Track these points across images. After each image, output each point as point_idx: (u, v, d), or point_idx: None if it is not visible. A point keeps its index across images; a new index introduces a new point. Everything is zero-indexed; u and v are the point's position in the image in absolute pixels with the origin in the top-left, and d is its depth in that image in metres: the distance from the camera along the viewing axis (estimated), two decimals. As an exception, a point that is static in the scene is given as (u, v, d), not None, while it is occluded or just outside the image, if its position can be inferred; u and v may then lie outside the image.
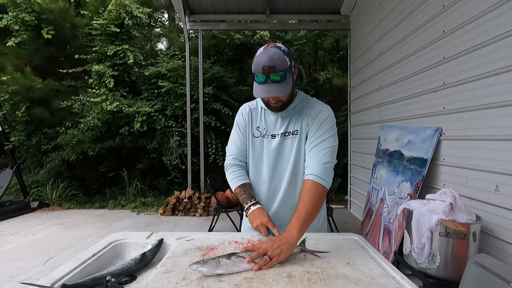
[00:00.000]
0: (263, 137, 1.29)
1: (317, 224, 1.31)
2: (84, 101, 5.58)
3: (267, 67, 1.07)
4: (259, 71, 1.08)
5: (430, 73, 2.53)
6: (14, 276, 2.74)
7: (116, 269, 0.93)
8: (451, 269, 1.70)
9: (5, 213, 4.75)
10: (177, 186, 6.16)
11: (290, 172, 1.25)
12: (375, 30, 3.77)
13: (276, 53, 1.07)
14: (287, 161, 1.25)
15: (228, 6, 5.00)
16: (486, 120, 1.90)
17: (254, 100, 1.35)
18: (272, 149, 1.26)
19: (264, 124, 1.29)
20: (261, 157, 1.30)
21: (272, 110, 1.24)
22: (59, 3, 6.03)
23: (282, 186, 1.27)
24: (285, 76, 1.09)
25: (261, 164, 1.30)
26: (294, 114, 1.25)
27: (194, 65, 5.82)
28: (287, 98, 1.20)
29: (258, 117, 1.30)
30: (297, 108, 1.25)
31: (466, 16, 2.06)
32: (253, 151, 1.31)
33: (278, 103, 1.19)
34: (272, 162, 1.27)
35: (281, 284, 0.81)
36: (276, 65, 1.07)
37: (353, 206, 4.85)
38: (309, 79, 8.28)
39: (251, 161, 1.32)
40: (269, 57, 1.06)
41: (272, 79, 1.08)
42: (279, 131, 1.26)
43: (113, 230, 4.11)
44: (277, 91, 1.10)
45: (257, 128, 1.30)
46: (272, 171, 1.27)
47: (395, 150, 2.96)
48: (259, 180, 1.31)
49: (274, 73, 1.07)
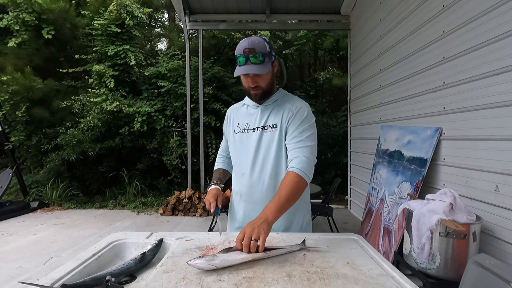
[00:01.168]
0: (242, 132, 1.32)
1: (300, 224, 1.31)
2: (84, 101, 5.58)
3: (247, 49, 1.17)
4: (240, 52, 1.18)
5: (430, 73, 2.53)
6: (14, 276, 2.74)
7: (116, 269, 0.92)
8: (451, 269, 1.70)
9: (5, 213, 4.75)
10: (177, 186, 6.16)
11: (271, 166, 1.26)
12: (375, 30, 3.77)
13: (257, 38, 1.20)
14: (267, 154, 1.27)
15: (228, 6, 5.00)
16: (486, 120, 1.90)
17: (242, 101, 1.42)
18: (252, 142, 1.29)
19: (245, 119, 1.33)
20: (241, 151, 1.33)
21: (252, 98, 1.30)
22: (60, 3, 6.03)
23: (263, 179, 1.28)
24: (263, 60, 1.18)
25: (241, 157, 1.33)
26: (274, 108, 1.30)
27: (194, 65, 5.82)
28: (267, 87, 1.25)
29: (239, 114, 1.37)
30: (277, 103, 1.30)
31: (466, 16, 2.06)
32: (234, 146, 1.36)
33: (258, 89, 1.24)
34: (252, 155, 1.29)
35: (280, 284, 0.81)
36: (255, 48, 1.17)
37: (353, 206, 4.85)
38: (309, 79, 8.28)
39: (233, 156, 1.38)
40: (250, 41, 1.18)
41: (252, 61, 1.17)
42: (259, 124, 1.29)
43: (113, 230, 4.11)
44: (255, 70, 1.18)
45: (237, 124, 1.35)
46: (252, 164, 1.29)
47: (395, 150, 2.96)
48: (240, 173, 1.33)
49: (254, 54, 1.16)
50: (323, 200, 3.87)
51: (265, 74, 1.21)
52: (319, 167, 6.61)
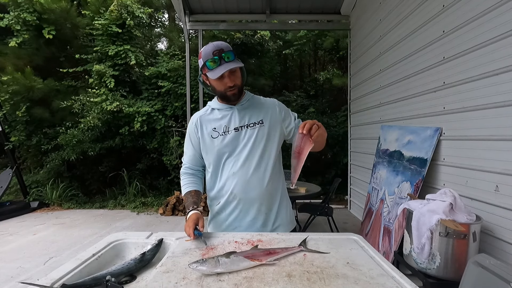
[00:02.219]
0: (223, 134, 1.31)
1: (287, 218, 1.38)
2: (84, 101, 5.58)
3: (217, 50, 1.19)
4: (209, 57, 1.19)
5: (430, 73, 2.53)
6: (14, 276, 2.75)
7: (116, 269, 0.93)
8: (451, 269, 1.70)
9: (5, 213, 4.75)
10: (177, 186, 6.16)
11: (265, 159, 1.31)
12: (375, 30, 3.77)
13: (220, 42, 1.23)
14: (257, 149, 1.29)
15: (228, 6, 5.00)
16: (486, 120, 1.90)
17: (204, 107, 1.41)
18: (239, 141, 1.30)
19: (220, 122, 1.33)
20: (227, 152, 1.31)
21: (231, 99, 1.30)
22: (62, 3, 6.04)
23: (258, 173, 1.30)
24: (234, 57, 1.21)
25: (229, 158, 1.31)
26: (249, 108, 1.34)
27: (194, 65, 5.82)
28: (241, 84, 1.30)
29: (210, 119, 1.35)
30: (251, 102, 1.35)
31: (466, 16, 2.06)
32: (215, 150, 1.32)
33: (234, 88, 1.26)
34: (244, 153, 1.29)
35: (280, 284, 0.81)
36: (223, 48, 1.20)
37: (353, 206, 4.85)
38: (309, 79, 8.28)
39: (214, 159, 1.33)
40: (215, 45, 1.21)
41: (226, 60, 1.19)
42: (240, 124, 1.31)
43: (113, 230, 4.11)
44: (233, 65, 1.19)
45: (213, 129, 1.33)
46: (244, 161, 1.29)
47: (395, 150, 2.96)
48: (229, 173, 1.31)
49: (224, 52, 1.19)
50: (323, 200, 3.88)
51: (239, 72, 1.27)
52: (319, 167, 6.58)
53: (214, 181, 1.36)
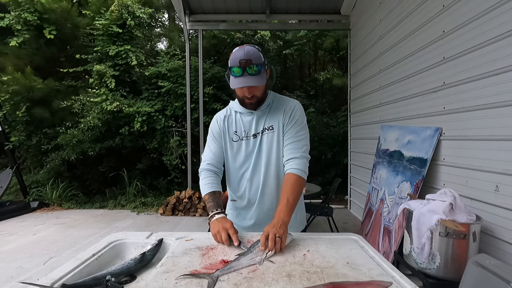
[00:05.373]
0: (242, 139, 1.32)
1: (296, 220, 1.38)
2: (84, 101, 5.58)
3: (244, 60, 1.14)
4: (235, 64, 1.15)
5: (430, 73, 2.53)
6: (14, 276, 2.74)
7: (116, 269, 0.93)
8: (451, 269, 1.70)
9: (5, 213, 4.75)
10: (177, 186, 6.16)
11: (275, 166, 1.31)
12: (375, 30, 3.77)
13: (251, 49, 1.17)
14: (269, 156, 1.30)
15: (228, 6, 5.00)
16: (486, 120, 1.90)
17: (225, 108, 1.41)
18: (256, 147, 1.31)
19: (241, 127, 1.33)
20: (243, 158, 1.33)
21: (247, 107, 1.29)
22: (62, 3, 6.04)
23: (270, 181, 1.32)
24: (260, 70, 1.17)
25: (245, 164, 1.33)
26: (269, 113, 1.32)
27: (194, 65, 5.82)
28: (262, 95, 1.26)
29: (233, 122, 1.35)
30: (270, 106, 1.33)
31: (466, 16, 2.06)
32: (233, 154, 1.34)
33: (253, 98, 1.24)
34: (256, 160, 1.31)
35: (280, 284, 0.81)
36: (252, 59, 1.15)
37: (353, 206, 4.85)
38: (309, 79, 8.28)
39: (232, 163, 1.35)
40: (245, 52, 1.15)
41: (249, 72, 1.15)
42: (258, 130, 1.31)
43: (113, 230, 4.11)
44: (253, 82, 1.17)
45: (234, 132, 1.34)
46: (254, 168, 1.31)
47: (395, 150, 2.96)
48: (243, 179, 1.34)
49: (250, 65, 1.15)
50: (323, 200, 3.87)
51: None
52: (319, 167, 6.57)
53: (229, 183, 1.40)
